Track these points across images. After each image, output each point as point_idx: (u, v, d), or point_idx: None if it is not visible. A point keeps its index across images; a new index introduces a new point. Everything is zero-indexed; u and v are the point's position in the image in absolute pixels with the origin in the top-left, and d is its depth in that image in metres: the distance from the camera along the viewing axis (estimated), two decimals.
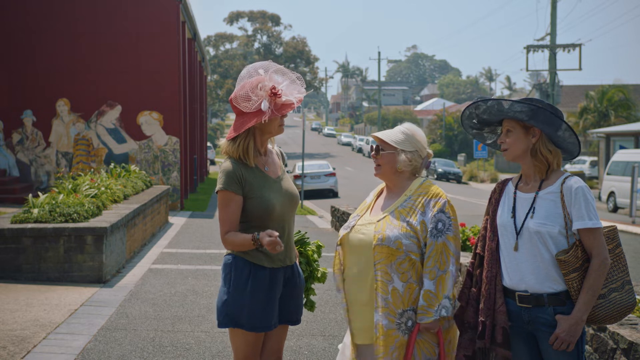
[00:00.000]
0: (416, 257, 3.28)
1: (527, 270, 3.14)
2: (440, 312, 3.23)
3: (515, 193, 3.27)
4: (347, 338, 3.58)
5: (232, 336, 3.48)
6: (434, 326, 3.26)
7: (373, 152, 3.49)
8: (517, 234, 3.17)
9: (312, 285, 3.89)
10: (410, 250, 3.27)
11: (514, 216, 3.22)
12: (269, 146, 3.60)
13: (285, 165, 3.74)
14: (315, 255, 3.89)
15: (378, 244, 3.27)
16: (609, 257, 3.09)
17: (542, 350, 3.16)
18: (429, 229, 3.28)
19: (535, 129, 3.17)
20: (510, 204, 3.26)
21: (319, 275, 3.85)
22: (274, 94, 3.33)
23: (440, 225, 3.28)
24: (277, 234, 3.23)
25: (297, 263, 3.66)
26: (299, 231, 3.97)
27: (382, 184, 3.61)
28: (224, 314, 3.42)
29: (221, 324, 3.44)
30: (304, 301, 3.79)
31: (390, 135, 3.44)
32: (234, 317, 3.39)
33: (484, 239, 3.35)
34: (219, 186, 3.39)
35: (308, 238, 3.95)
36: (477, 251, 3.35)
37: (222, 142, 3.54)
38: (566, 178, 3.16)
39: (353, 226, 3.43)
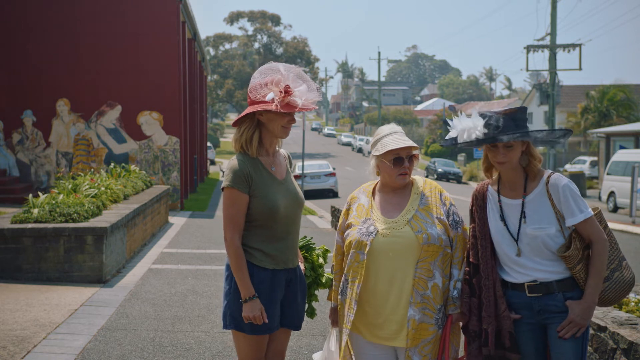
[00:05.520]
0: (449, 250, 3.36)
1: (533, 267, 3.22)
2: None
3: (500, 200, 3.32)
4: (333, 345, 3.56)
5: (235, 338, 3.47)
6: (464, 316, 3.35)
7: (406, 163, 3.37)
8: (516, 240, 3.24)
9: (316, 292, 3.85)
10: (446, 245, 3.34)
11: (505, 224, 3.28)
12: (278, 149, 3.60)
13: (291, 166, 3.73)
14: (321, 260, 3.84)
15: (425, 243, 3.27)
16: (606, 238, 3.21)
17: (551, 337, 3.20)
18: (450, 222, 3.38)
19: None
20: (497, 210, 3.32)
21: (323, 281, 3.80)
22: (284, 92, 3.32)
23: (455, 217, 3.41)
24: (266, 320, 3.31)
25: (301, 267, 3.64)
26: (305, 236, 3.95)
27: (370, 183, 3.59)
28: (227, 315, 3.41)
29: (225, 326, 3.44)
30: (306, 307, 3.76)
31: (411, 141, 3.42)
32: (236, 319, 3.38)
33: (475, 247, 3.36)
34: (225, 183, 3.38)
35: (314, 244, 3.92)
36: (471, 260, 3.36)
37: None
38: (549, 177, 3.23)
39: (377, 231, 3.34)
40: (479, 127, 3.24)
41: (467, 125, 3.29)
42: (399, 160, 3.38)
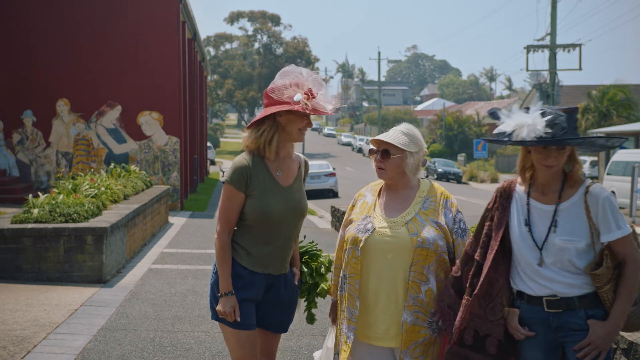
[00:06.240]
0: (446, 256, 3.31)
1: (553, 279, 2.97)
2: None
3: (528, 203, 3.06)
4: (330, 343, 3.56)
5: (224, 335, 3.49)
6: None
7: (378, 156, 3.38)
8: (540, 248, 2.98)
9: (315, 299, 3.82)
10: (443, 250, 3.29)
11: (529, 229, 3.02)
12: (295, 154, 3.61)
13: (306, 174, 3.69)
14: (323, 270, 3.82)
15: (419, 246, 3.23)
16: None
17: (570, 357, 2.96)
18: (455, 229, 3.34)
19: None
20: (524, 213, 3.06)
21: (318, 291, 3.78)
22: (309, 94, 3.35)
23: (462, 224, 3.36)
24: (238, 319, 3.35)
25: (292, 276, 3.63)
26: (312, 241, 3.95)
27: (379, 182, 3.57)
28: (210, 304, 3.51)
29: (212, 316, 3.51)
30: (305, 314, 3.78)
31: (397, 138, 3.38)
32: (214, 309, 3.46)
33: (485, 246, 3.14)
34: (225, 178, 3.46)
35: (320, 251, 3.90)
36: (476, 258, 3.16)
37: (245, 135, 3.52)
38: (589, 187, 2.98)
39: (374, 229, 3.33)
40: (540, 124, 2.89)
41: (525, 120, 2.93)
42: (373, 151, 3.45)
